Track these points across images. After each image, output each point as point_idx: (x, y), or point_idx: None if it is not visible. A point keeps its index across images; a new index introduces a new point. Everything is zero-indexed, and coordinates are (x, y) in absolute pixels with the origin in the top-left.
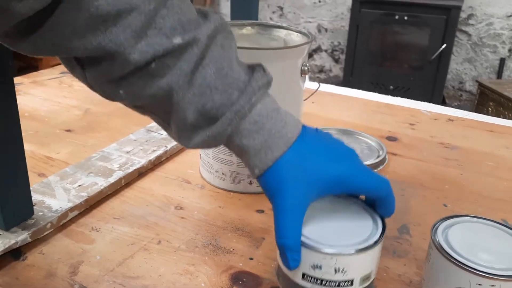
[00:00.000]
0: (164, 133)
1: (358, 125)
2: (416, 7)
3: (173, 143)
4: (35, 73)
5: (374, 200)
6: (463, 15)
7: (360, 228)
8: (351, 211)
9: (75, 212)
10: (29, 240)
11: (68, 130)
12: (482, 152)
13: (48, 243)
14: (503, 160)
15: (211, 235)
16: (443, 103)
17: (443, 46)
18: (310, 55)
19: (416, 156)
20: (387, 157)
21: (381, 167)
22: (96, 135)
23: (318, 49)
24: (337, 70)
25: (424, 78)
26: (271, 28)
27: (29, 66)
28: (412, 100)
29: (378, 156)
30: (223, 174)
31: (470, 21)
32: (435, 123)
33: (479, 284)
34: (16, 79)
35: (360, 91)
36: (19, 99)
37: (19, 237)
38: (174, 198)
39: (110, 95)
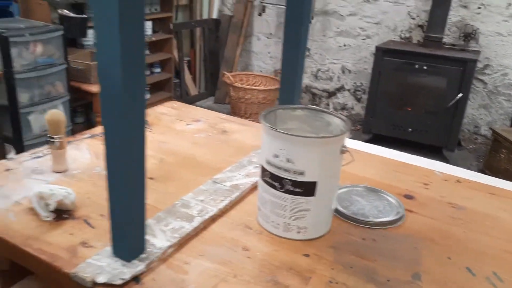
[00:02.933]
0: (228, 184)
1: (380, 183)
2: (434, 58)
3: (236, 194)
4: None
5: None
6: (479, 65)
7: None
8: None
9: (171, 249)
10: (145, 269)
11: (151, 178)
12: (483, 213)
13: (156, 272)
14: (500, 222)
15: (271, 272)
16: (458, 145)
17: (459, 95)
18: (333, 94)
19: (428, 214)
20: (405, 214)
21: (399, 223)
22: (173, 183)
23: (341, 88)
24: (358, 109)
25: (440, 123)
26: (317, 111)
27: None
28: (426, 159)
29: (398, 213)
30: (277, 224)
31: (486, 71)
32: (445, 184)
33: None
34: (99, 129)
35: (381, 148)
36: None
37: (139, 267)
38: (240, 241)
39: None
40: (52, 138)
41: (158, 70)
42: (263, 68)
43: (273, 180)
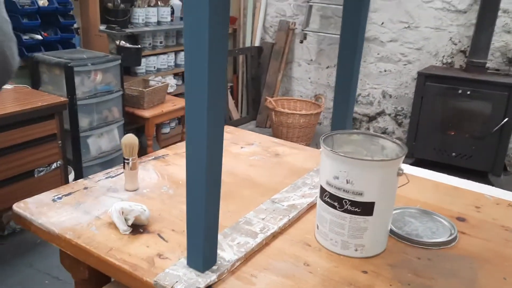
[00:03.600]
0: (285, 204)
1: (432, 205)
2: (479, 83)
3: (293, 213)
4: (173, 146)
5: None
6: None
7: None
8: None
9: (239, 262)
10: (216, 280)
11: None
12: None
13: (226, 283)
14: None
15: (332, 286)
16: (505, 170)
17: (505, 120)
18: (374, 118)
19: (481, 236)
20: (458, 235)
21: (453, 244)
22: (234, 201)
23: (382, 113)
24: (399, 133)
25: (485, 148)
26: (372, 136)
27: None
28: (476, 183)
29: (451, 235)
30: (335, 241)
31: None
32: (497, 208)
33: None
34: (162, 151)
35: (430, 171)
36: (169, 169)
37: (211, 277)
38: (301, 257)
39: None
40: (127, 159)
41: None
42: (303, 93)
43: (333, 200)
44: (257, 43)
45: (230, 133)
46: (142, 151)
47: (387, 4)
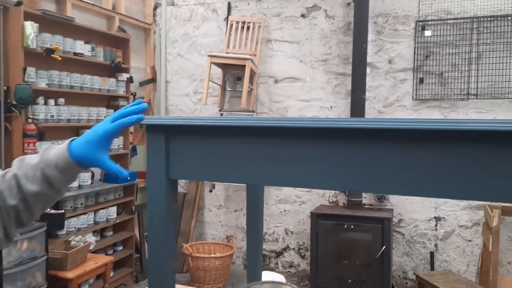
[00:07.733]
0: None
1: None
2: (358, 218)
3: None
4: None
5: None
6: (395, 220)
7: None
8: None
9: None
10: None
11: None
12: None
13: None
14: None
15: None
16: None
17: (383, 248)
18: (281, 253)
19: None
20: None
21: None
22: None
23: (286, 248)
24: (304, 265)
25: (373, 272)
26: (277, 284)
27: None
28: None
29: None
30: None
31: (401, 224)
32: None
33: None
34: None
35: None
36: None
37: None
38: None
39: None
40: None
41: (120, 248)
42: (215, 235)
43: None
44: None
45: None
46: None
47: None
